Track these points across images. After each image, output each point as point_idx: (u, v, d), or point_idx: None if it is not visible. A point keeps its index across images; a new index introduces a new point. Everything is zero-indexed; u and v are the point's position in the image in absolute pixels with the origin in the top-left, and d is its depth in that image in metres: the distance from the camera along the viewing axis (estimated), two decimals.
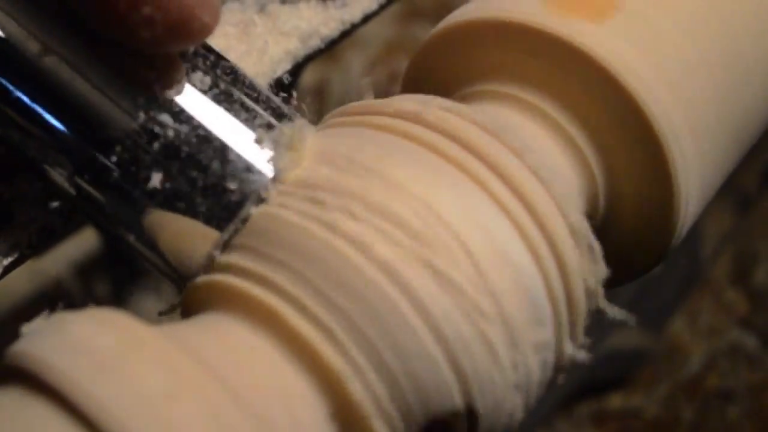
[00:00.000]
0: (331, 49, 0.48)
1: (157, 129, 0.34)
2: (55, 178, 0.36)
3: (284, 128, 0.35)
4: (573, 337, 0.35)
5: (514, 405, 0.34)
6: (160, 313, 0.38)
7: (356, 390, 0.31)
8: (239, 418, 0.29)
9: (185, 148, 0.34)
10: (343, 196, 0.33)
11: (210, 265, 0.35)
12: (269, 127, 0.36)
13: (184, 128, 0.34)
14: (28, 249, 0.40)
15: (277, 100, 0.37)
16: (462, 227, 0.33)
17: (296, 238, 0.33)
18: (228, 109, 0.35)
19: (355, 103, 0.38)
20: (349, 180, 0.33)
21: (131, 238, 0.36)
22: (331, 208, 0.33)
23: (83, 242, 0.86)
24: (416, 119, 0.36)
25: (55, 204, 0.38)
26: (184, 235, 0.35)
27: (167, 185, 0.34)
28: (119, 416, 0.27)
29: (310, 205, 0.33)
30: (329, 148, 0.35)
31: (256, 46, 0.46)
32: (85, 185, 0.35)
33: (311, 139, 0.36)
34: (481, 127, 0.35)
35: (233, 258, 0.34)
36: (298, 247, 0.33)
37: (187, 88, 0.35)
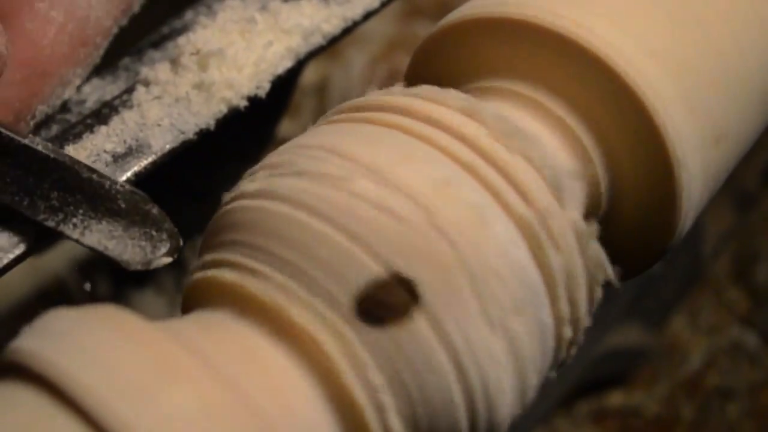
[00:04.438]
0: (332, 46, 0.49)
1: None
2: None
3: None
4: (573, 313, 0.35)
5: (512, 395, 0.33)
6: None
7: (348, 373, 0.31)
8: (235, 411, 0.29)
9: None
10: (326, 185, 0.33)
11: (204, 263, 0.35)
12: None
13: None
14: (29, 246, 0.40)
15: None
16: (449, 211, 0.32)
17: (286, 228, 0.33)
18: None
19: (347, 102, 0.38)
20: (332, 169, 0.33)
21: None
22: (316, 198, 0.33)
23: None
24: (377, 106, 0.36)
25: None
26: None
27: None
28: (119, 411, 0.27)
29: (295, 196, 0.33)
30: (311, 143, 0.35)
31: (258, 43, 0.46)
32: None
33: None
34: (479, 121, 0.35)
35: (223, 253, 0.34)
36: (287, 237, 0.33)
37: None
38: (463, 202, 0.33)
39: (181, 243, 0.39)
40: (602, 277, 0.36)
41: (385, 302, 0.31)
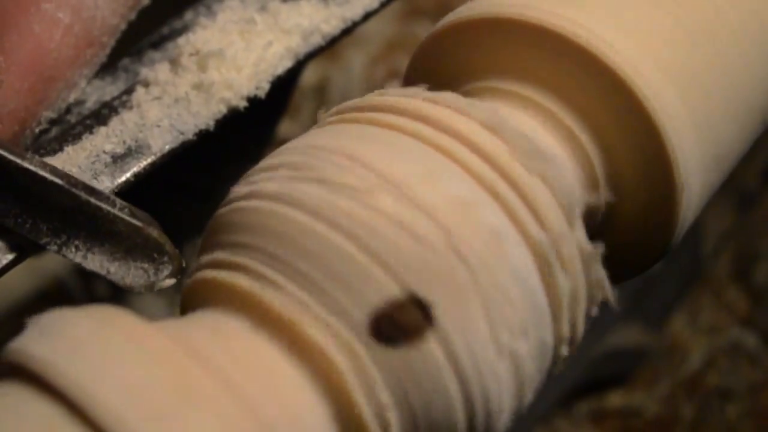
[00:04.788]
0: (332, 46, 0.48)
1: None
2: None
3: None
4: (572, 333, 0.35)
5: (510, 413, 0.34)
6: None
7: (358, 392, 0.31)
8: (240, 416, 0.29)
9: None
10: (348, 197, 0.33)
11: (210, 261, 0.35)
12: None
13: None
14: (28, 246, 0.40)
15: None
16: (469, 234, 0.32)
17: (305, 239, 0.32)
18: None
19: (346, 103, 0.38)
20: (353, 180, 0.33)
21: None
22: (337, 211, 0.33)
23: None
24: (399, 110, 0.36)
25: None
26: None
27: None
28: (119, 414, 0.27)
29: (315, 205, 0.33)
30: (332, 145, 0.35)
31: (257, 43, 0.46)
32: None
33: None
34: (474, 119, 0.35)
35: (233, 255, 0.34)
36: (305, 249, 0.32)
37: None
38: (482, 225, 0.32)
39: (184, 264, 0.38)
40: (601, 297, 0.36)
41: (400, 323, 0.31)
